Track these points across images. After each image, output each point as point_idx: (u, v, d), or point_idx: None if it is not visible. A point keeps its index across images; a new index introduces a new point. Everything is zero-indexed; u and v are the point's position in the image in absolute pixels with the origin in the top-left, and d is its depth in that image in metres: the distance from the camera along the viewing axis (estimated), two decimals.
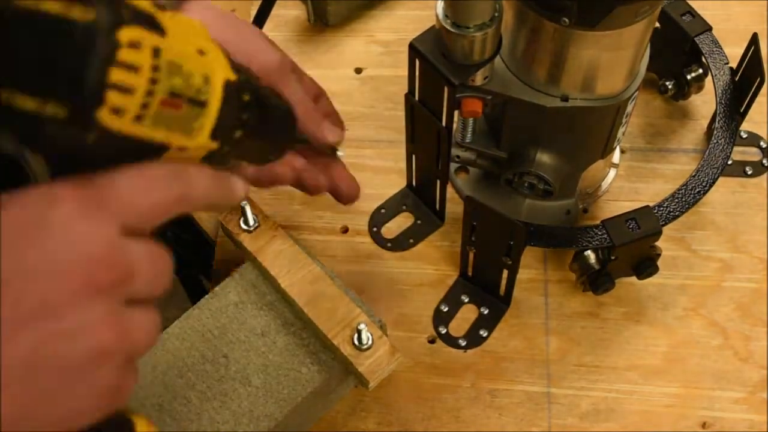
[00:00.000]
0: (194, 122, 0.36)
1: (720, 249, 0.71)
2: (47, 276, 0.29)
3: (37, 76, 0.30)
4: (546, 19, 0.53)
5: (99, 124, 0.31)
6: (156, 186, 0.35)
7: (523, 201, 0.70)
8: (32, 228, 0.30)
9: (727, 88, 0.71)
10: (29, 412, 0.29)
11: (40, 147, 0.31)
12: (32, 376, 0.29)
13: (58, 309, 0.29)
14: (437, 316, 0.68)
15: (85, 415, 0.32)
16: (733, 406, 0.64)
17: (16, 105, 0.30)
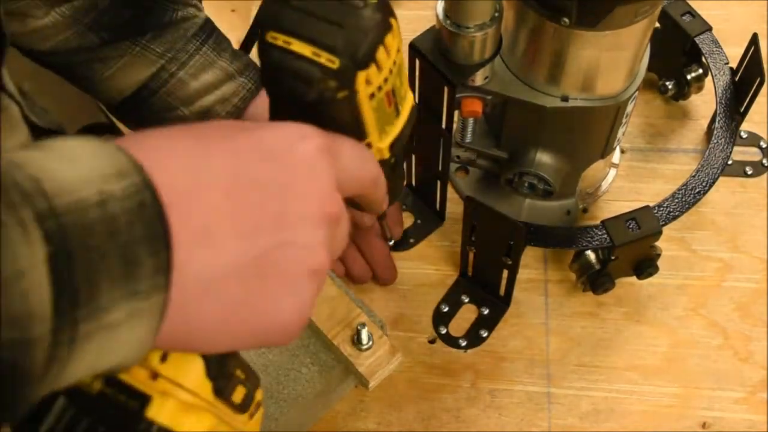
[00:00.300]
0: (388, 125, 0.42)
1: (720, 249, 0.71)
2: (292, 194, 0.33)
3: (324, 30, 0.36)
4: (546, 19, 0.54)
5: (354, 84, 0.37)
6: (366, 163, 0.40)
7: (523, 201, 0.70)
8: (285, 152, 0.34)
9: (727, 88, 0.71)
10: (250, 307, 0.32)
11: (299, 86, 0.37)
12: (260, 274, 0.32)
13: (295, 224, 0.33)
14: (437, 316, 0.68)
15: (282, 331, 0.34)
16: (733, 406, 0.64)
17: (291, 48, 0.36)
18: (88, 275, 0.26)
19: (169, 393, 0.32)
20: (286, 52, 0.36)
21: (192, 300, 0.30)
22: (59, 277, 0.25)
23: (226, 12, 0.89)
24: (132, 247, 0.27)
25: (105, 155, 0.28)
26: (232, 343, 0.33)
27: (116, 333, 0.28)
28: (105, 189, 0.27)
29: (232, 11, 0.89)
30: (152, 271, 0.28)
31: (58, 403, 0.30)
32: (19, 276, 0.24)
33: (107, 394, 0.31)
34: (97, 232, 0.27)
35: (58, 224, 0.26)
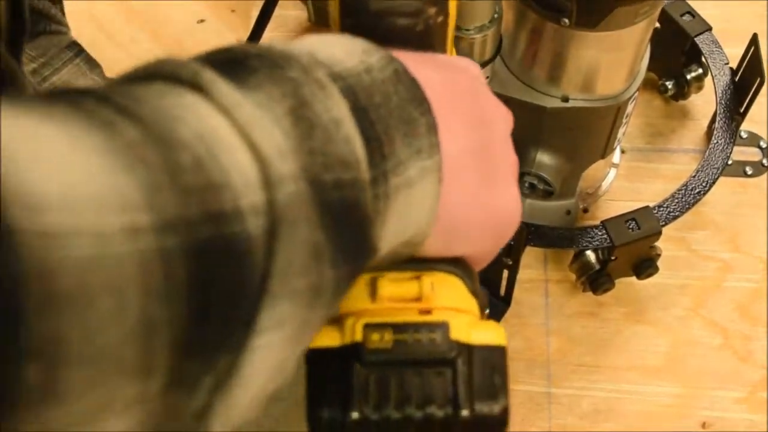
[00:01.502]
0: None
1: (720, 249, 0.71)
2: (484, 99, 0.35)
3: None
4: (546, 20, 0.54)
5: (447, 8, 0.37)
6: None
7: (523, 201, 0.70)
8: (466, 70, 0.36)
9: (727, 88, 0.71)
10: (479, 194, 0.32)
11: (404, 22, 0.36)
12: (485, 166, 0.33)
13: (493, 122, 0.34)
14: None
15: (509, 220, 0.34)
16: (733, 406, 0.64)
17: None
18: (384, 129, 0.27)
19: (454, 316, 0.31)
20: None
21: (447, 180, 0.30)
22: (364, 129, 0.26)
23: (226, 12, 0.89)
24: (405, 108, 0.28)
25: (348, 40, 0.29)
26: (478, 234, 0.33)
27: (414, 191, 0.28)
28: (365, 60, 0.28)
29: (232, 11, 0.89)
30: (426, 129, 0.29)
31: (357, 373, 0.29)
32: (338, 123, 0.25)
33: (404, 340, 0.30)
34: (375, 93, 0.27)
35: (346, 85, 0.26)
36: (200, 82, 0.23)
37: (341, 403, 0.29)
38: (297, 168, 0.23)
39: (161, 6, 0.89)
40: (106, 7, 0.89)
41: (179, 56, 0.25)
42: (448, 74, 0.34)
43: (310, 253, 0.23)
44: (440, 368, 0.30)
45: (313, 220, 0.23)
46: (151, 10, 0.89)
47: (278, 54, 0.26)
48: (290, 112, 0.24)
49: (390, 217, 0.27)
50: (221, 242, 0.21)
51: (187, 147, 0.21)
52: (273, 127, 0.23)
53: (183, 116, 0.22)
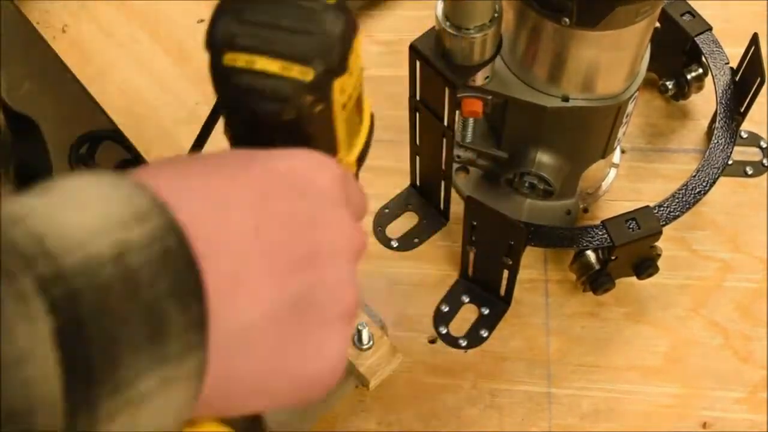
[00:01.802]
0: (356, 138, 0.39)
1: (720, 249, 0.71)
2: (320, 229, 0.30)
3: (290, 40, 0.32)
4: (546, 19, 0.54)
5: (330, 95, 0.33)
6: (360, 190, 0.37)
7: (523, 201, 0.70)
8: (307, 184, 0.31)
9: (728, 88, 0.71)
10: (290, 357, 0.29)
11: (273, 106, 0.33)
12: (295, 322, 0.29)
13: (325, 261, 0.30)
14: (438, 316, 0.68)
15: (316, 385, 0.31)
16: (733, 406, 0.64)
17: (255, 68, 0.32)
18: (105, 346, 0.23)
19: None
20: (250, 73, 0.32)
21: (230, 355, 0.27)
22: (69, 353, 0.22)
23: None
24: (157, 305, 0.24)
25: (120, 196, 0.25)
26: (272, 399, 0.30)
27: (146, 407, 0.24)
28: (122, 238, 0.24)
29: None
30: (183, 329, 0.25)
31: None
32: (20, 361, 0.21)
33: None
34: (115, 292, 0.23)
35: (67, 289, 0.22)
36: None
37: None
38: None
39: (161, 6, 0.89)
40: (106, 7, 0.89)
41: None
42: (273, 207, 0.29)
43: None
44: None
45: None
46: (151, 10, 0.89)
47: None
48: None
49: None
50: None
51: None
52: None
53: None
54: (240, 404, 0.29)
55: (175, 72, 0.84)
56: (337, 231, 0.31)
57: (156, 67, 0.84)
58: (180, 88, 0.82)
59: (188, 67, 0.84)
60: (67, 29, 0.87)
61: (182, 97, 0.81)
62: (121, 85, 0.82)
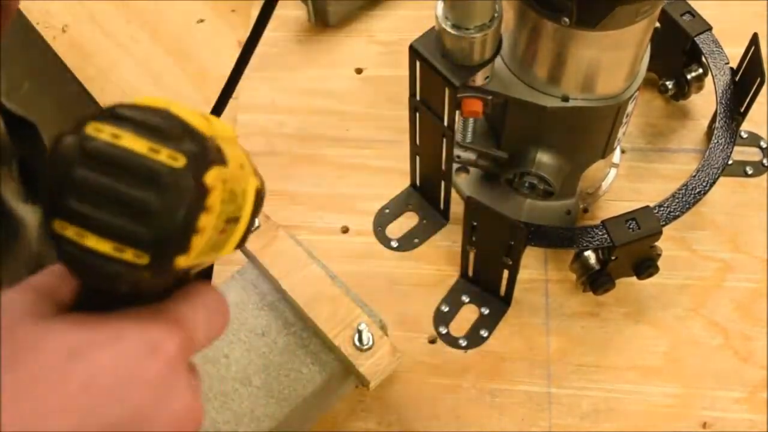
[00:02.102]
0: (226, 243, 0.34)
1: (720, 249, 0.71)
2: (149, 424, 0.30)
3: (122, 220, 0.28)
4: (546, 19, 0.54)
5: (174, 269, 0.30)
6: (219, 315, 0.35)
7: (523, 201, 0.70)
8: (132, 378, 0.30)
9: (728, 88, 0.71)
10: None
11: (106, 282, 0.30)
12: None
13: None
14: (438, 316, 0.68)
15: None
16: (733, 406, 0.64)
17: (85, 243, 0.28)
18: None
19: None
20: (80, 248, 0.28)
21: None
22: None
23: (226, 12, 0.89)
24: None
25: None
26: None
27: None
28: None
29: (232, 11, 0.89)
30: None
31: None
32: None
33: None
34: None
35: None
36: None
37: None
38: None
39: (161, 6, 0.89)
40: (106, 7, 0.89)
41: None
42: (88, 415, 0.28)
43: None
44: None
45: None
46: (151, 10, 0.89)
47: None
48: None
49: None
50: None
51: None
52: None
53: None
54: None
55: (175, 72, 0.84)
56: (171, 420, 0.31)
57: (156, 67, 0.84)
58: (180, 88, 0.82)
59: (188, 67, 0.84)
60: (67, 29, 0.87)
61: (182, 97, 0.81)
62: (121, 85, 0.82)
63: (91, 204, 0.28)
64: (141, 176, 0.28)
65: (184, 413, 0.32)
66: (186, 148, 0.29)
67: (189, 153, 0.29)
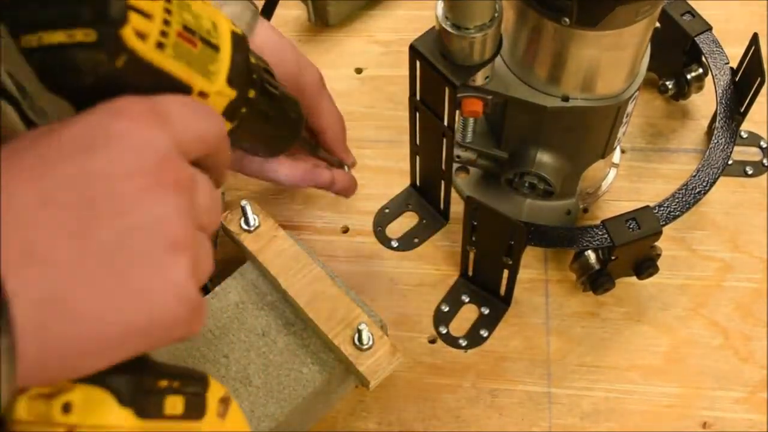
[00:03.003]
0: (210, 65, 0.38)
1: (720, 249, 0.71)
2: (119, 176, 0.31)
3: (64, 8, 0.32)
4: (546, 19, 0.54)
5: (126, 45, 0.33)
6: (200, 116, 0.36)
7: (523, 201, 0.70)
8: (99, 138, 0.31)
9: (728, 88, 0.71)
10: (113, 307, 0.30)
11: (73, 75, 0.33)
12: (112, 270, 0.30)
13: (132, 205, 0.30)
14: (438, 316, 0.68)
15: (164, 319, 0.31)
16: (733, 406, 0.64)
17: (45, 42, 0.32)
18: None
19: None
20: (43, 50, 0.33)
21: (43, 326, 0.28)
22: None
23: None
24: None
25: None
26: (110, 354, 0.31)
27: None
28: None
29: None
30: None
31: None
32: None
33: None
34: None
35: None
36: None
37: None
38: None
39: None
40: None
41: None
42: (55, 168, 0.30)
43: None
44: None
45: None
46: None
47: None
48: None
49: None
50: None
51: None
52: None
53: None
54: (77, 365, 0.30)
55: None
56: (140, 173, 0.31)
57: None
58: None
59: None
60: None
61: None
62: None
63: (39, 5, 0.32)
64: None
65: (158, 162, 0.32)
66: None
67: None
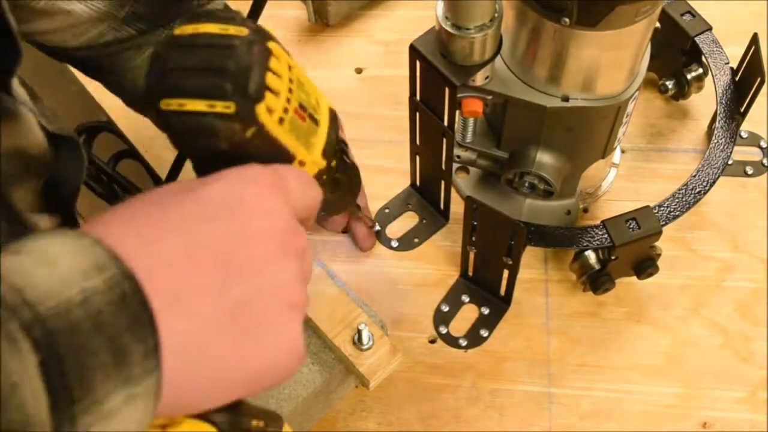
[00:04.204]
0: (312, 137, 0.44)
1: (720, 249, 0.71)
2: (252, 240, 0.34)
3: (209, 81, 0.37)
4: (546, 19, 0.54)
5: (258, 119, 0.38)
6: (309, 186, 0.41)
7: (523, 201, 0.70)
8: (236, 203, 0.35)
9: (728, 88, 0.71)
10: (241, 356, 0.34)
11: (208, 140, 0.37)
12: (242, 325, 0.33)
13: (261, 268, 0.34)
14: (438, 316, 0.68)
15: (276, 369, 0.35)
16: (733, 406, 0.64)
17: (186, 109, 0.37)
18: (79, 373, 0.28)
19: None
20: (183, 114, 0.37)
21: (182, 369, 0.31)
22: (52, 380, 0.27)
23: None
24: (119, 338, 0.29)
25: (81, 252, 0.30)
26: (229, 396, 0.35)
27: (115, 418, 0.29)
28: (86, 286, 0.29)
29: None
30: (142, 356, 0.30)
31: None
32: (14, 388, 0.26)
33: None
34: (84, 330, 0.28)
35: (45, 330, 0.27)
36: None
37: None
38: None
39: None
40: None
41: None
42: (208, 229, 0.34)
43: None
44: None
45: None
46: None
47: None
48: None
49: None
50: None
51: None
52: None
53: None
54: (198, 405, 0.34)
55: None
56: (270, 239, 0.35)
57: None
58: None
59: None
60: None
61: None
62: None
63: (185, 77, 0.37)
64: (218, 46, 0.37)
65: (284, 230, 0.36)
66: (248, 24, 0.39)
67: (251, 27, 0.39)
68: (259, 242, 0.35)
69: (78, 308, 0.28)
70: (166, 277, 0.31)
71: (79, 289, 0.28)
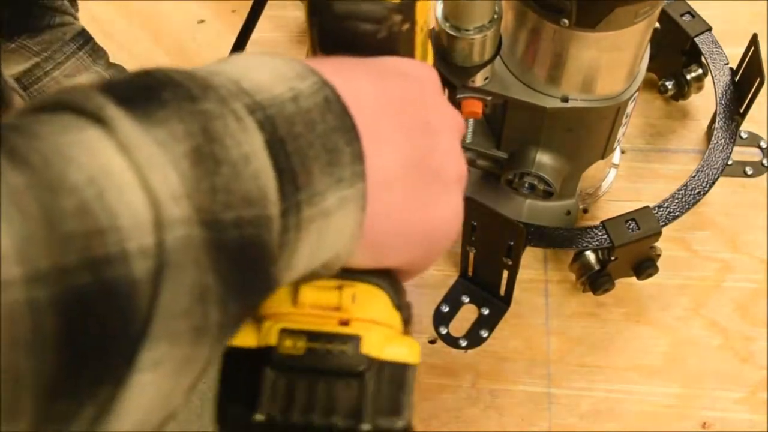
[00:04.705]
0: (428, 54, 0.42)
1: (720, 249, 0.71)
2: (431, 106, 0.35)
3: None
4: (546, 20, 0.54)
5: (414, 16, 0.37)
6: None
7: (523, 201, 0.70)
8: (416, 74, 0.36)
9: (727, 89, 0.71)
10: (421, 216, 0.33)
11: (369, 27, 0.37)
12: (423, 177, 0.33)
13: (438, 131, 0.35)
14: (438, 317, 0.68)
15: (448, 230, 0.35)
16: (733, 406, 0.64)
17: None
18: (302, 160, 0.27)
19: (371, 329, 0.32)
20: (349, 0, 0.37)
21: (376, 198, 0.31)
22: (278, 161, 0.26)
23: (226, 12, 0.89)
24: (330, 137, 0.28)
25: (283, 63, 0.30)
26: (409, 250, 0.34)
27: (331, 220, 0.28)
28: (294, 86, 0.29)
29: (233, 11, 0.89)
30: (351, 159, 0.29)
31: (267, 376, 0.30)
32: (248, 159, 0.25)
33: (316, 348, 0.31)
34: (298, 123, 0.28)
35: (265, 115, 0.27)
36: (104, 117, 0.23)
37: (248, 403, 0.30)
38: (191, 211, 0.23)
39: (161, 6, 0.89)
40: (106, 7, 0.89)
41: (88, 86, 0.25)
42: (390, 84, 0.34)
43: (195, 296, 0.24)
44: (348, 380, 0.31)
45: (202, 263, 0.24)
46: (151, 10, 0.89)
47: (199, 82, 0.26)
48: (192, 151, 0.24)
49: (302, 247, 0.28)
50: (101, 287, 0.21)
51: (74, 191, 0.21)
52: (169, 169, 0.23)
53: (78, 157, 0.22)
54: (386, 251, 0.33)
55: None
56: (443, 110, 0.36)
57: None
58: None
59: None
60: None
61: None
62: None
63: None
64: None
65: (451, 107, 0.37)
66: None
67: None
68: (437, 110, 0.35)
69: (290, 103, 0.28)
70: (366, 107, 0.31)
71: (289, 88, 0.28)
